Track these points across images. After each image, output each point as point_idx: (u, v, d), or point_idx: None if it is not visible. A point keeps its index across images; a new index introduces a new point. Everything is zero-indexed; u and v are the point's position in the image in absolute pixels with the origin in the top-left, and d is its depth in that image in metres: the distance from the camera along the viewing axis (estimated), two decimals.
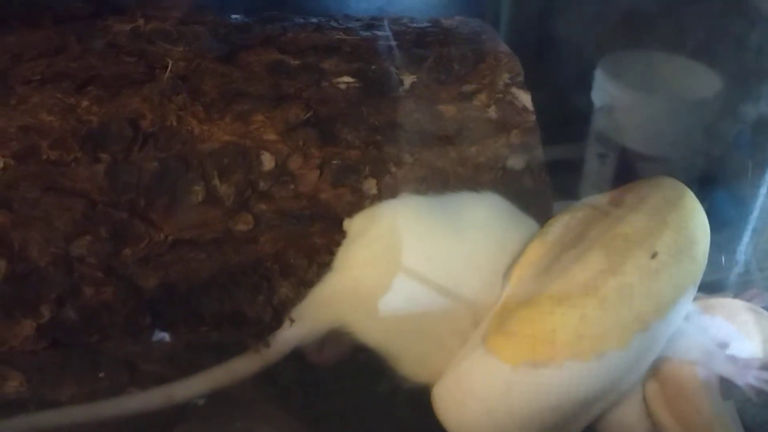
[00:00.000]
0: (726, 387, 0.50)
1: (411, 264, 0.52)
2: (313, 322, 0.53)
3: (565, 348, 0.44)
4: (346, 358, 0.55)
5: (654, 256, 0.46)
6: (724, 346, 0.51)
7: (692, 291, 0.49)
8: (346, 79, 0.63)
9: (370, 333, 0.52)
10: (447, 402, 0.49)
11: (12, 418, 0.52)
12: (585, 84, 0.79)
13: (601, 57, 0.77)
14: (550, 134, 0.68)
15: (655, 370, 0.50)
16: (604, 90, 0.76)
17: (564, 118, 0.79)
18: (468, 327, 0.50)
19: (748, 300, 0.56)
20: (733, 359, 0.50)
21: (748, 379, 0.49)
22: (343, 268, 0.54)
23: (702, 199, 0.52)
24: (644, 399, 0.50)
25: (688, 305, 0.50)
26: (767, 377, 0.49)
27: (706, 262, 0.50)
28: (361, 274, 0.53)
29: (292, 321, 0.53)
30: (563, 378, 0.44)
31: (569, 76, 0.84)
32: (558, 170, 0.71)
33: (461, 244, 0.53)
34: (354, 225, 0.56)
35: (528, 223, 0.55)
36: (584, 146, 0.78)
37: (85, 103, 0.58)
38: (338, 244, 0.57)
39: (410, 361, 0.51)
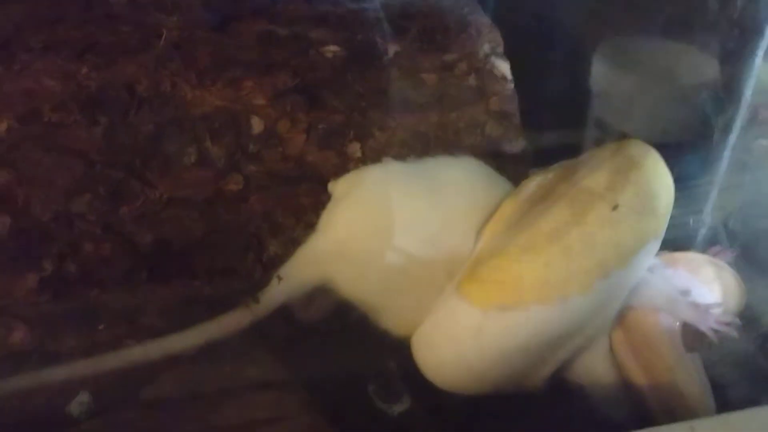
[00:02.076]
0: (689, 338, 0.52)
1: (391, 224, 0.54)
2: (299, 279, 0.56)
3: (531, 292, 0.47)
4: (331, 315, 0.57)
5: (615, 208, 0.48)
6: (686, 294, 0.53)
7: (654, 243, 0.51)
8: (333, 48, 0.66)
9: (353, 289, 0.55)
10: (424, 348, 0.51)
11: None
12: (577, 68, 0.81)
13: (591, 40, 0.78)
14: (548, 119, 0.70)
15: (621, 320, 0.52)
16: (600, 74, 0.75)
17: (561, 103, 0.81)
18: (444, 281, 0.53)
19: (713, 256, 0.58)
20: (695, 305, 0.52)
21: (709, 323, 0.51)
22: (327, 228, 0.56)
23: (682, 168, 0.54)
24: (611, 346, 0.53)
25: (650, 257, 0.52)
26: (727, 320, 0.52)
27: (669, 217, 0.52)
28: (344, 234, 0.55)
29: (280, 279, 0.55)
30: (529, 320, 0.47)
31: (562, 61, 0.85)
32: (556, 154, 0.73)
33: (438, 205, 0.55)
34: (338, 187, 0.59)
35: (502, 184, 0.58)
36: (582, 131, 0.78)
37: (84, 70, 0.61)
38: (324, 204, 0.59)
39: (391, 315, 0.54)
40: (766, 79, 0.62)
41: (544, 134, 0.72)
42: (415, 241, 0.54)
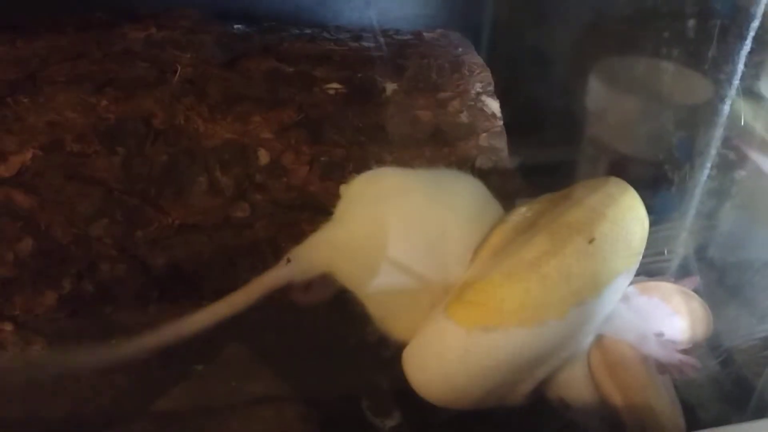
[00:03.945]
0: (660, 363, 0.56)
1: (402, 229, 0.56)
2: (307, 263, 0.58)
3: (511, 315, 0.51)
4: (327, 302, 0.60)
5: (591, 242, 0.52)
6: (658, 330, 0.57)
7: (627, 275, 0.55)
8: (335, 85, 0.70)
9: (357, 285, 0.57)
10: (413, 363, 0.54)
11: None
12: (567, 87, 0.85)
13: (585, 63, 0.80)
14: (547, 137, 0.73)
15: (599, 342, 0.56)
16: (596, 94, 0.78)
17: (550, 118, 0.85)
18: (440, 295, 0.55)
19: (683, 285, 0.60)
20: (662, 343, 0.56)
21: (673, 360, 0.55)
22: (341, 221, 0.58)
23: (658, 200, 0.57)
24: (588, 366, 0.56)
25: (624, 286, 0.56)
26: (689, 361, 0.55)
27: (642, 250, 0.56)
28: (356, 231, 0.57)
29: (289, 260, 0.58)
30: (509, 341, 0.51)
31: (551, 80, 0.89)
32: (551, 171, 0.76)
33: (446, 218, 0.57)
34: (356, 183, 0.60)
35: (498, 209, 0.60)
36: (577, 149, 0.82)
37: (104, 103, 0.65)
38: None
39: (388, 316, 0.57)
40: (741, 113, 0.66)
41: (531, 168, 0.76)
42: (420, 247, 0.56)
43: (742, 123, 0.65)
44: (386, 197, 0.58)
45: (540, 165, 0.79)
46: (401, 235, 0.56)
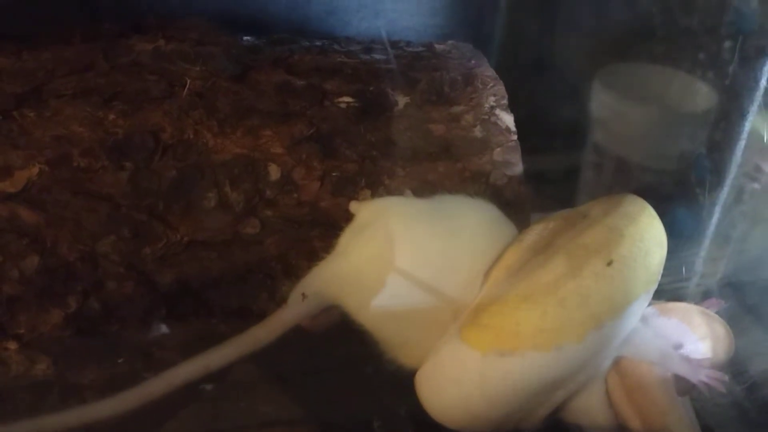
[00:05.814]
0: (681, 384, 0.55)
1: (408, 260, 0.56)
2: (317, 297, 0.59)
3: (527, 339, 0.50)
4: (335, 327, 0.60)
5: (610, 263, 0.51)
6: (679, 347, 0.56)
7: (646, 296, 0.54)
8: (347, 99, 0.69)
9: (366, 317, 0.57)
10: (427, 386, 0.54)
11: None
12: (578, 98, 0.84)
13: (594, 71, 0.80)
14: (549, 145, 0.73)
15: (617, 365, 0.55)
16: (599, 101, 0.79)
17: (561, 129, 0.84)
18: (450, 320, 0.55)
19: (704, 306, 0.60)
20: (687, 359, 0.55)
21: (700, 376, 0.54)
22: (348, 254, 0.59)
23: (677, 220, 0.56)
24: (606, 390, 0.55)
25: (642, 308, 0.55)
26: (716, 375, 0.54)
27: (661, 270, 0.55)
28: (364, 264, 0.58)
29: (305, 296, 0.58)
30: (525, 365, 0.50)
31: (562, 91, 0.88)
32: (553, 179, 0.76)
33: (453, 246, 0.57)
34: (362, 212, 0.61)
35: (511, 230, 0.60)
36: (581, 156, 0.82)
37: (111, 116, 0.64)
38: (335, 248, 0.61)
39: (398, 346, 0.57)
40: (763, 129, 0.65)
41: (545, 181, 0.76)
42: (427, 278, 0.56)
43: (765, 140, 0.64)
44: (393, 229, 0.58)
45: (553, 178, 0.78)
46: (409, 268, 0.56)
